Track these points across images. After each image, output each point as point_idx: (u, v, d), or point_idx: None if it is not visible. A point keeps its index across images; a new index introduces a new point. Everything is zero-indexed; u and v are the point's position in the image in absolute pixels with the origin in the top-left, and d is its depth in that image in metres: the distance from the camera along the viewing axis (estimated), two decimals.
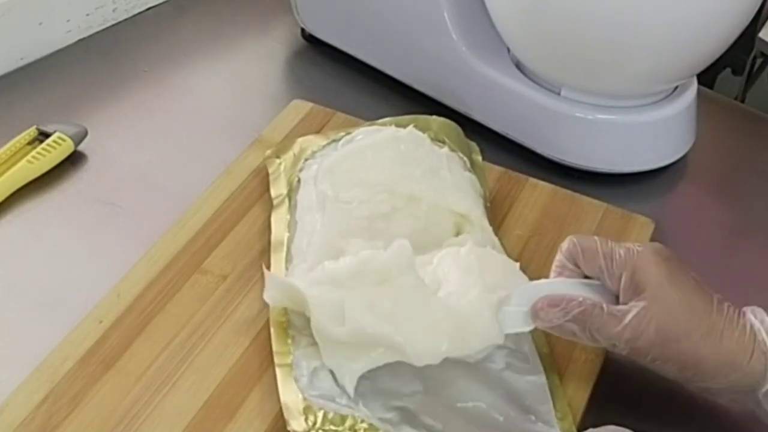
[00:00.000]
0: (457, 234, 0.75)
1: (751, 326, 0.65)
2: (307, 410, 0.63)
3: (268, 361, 0.69)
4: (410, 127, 0.81)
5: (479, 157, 0.85)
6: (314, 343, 0.67)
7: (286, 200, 0.79)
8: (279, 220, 0.77)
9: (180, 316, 0.71)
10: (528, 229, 0.81)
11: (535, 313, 0.66)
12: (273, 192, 0.80)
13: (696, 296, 0.65)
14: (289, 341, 0.68)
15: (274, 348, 0.68)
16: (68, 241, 0.80)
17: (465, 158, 0.82)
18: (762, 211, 0.89)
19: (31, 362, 0.67)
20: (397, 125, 0.82)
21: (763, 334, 0.65)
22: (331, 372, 0.66)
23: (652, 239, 0.81)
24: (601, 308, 0.65)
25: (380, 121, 0.84)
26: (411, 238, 0.70)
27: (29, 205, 0.82)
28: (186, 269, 0.75)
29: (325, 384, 0.65)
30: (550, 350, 0.71)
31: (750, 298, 0.79)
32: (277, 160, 0.83)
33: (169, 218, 0.79)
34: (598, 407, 0.69)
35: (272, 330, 0.69)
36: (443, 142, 0.82)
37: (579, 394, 0.69)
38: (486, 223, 0.76)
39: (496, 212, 0.82)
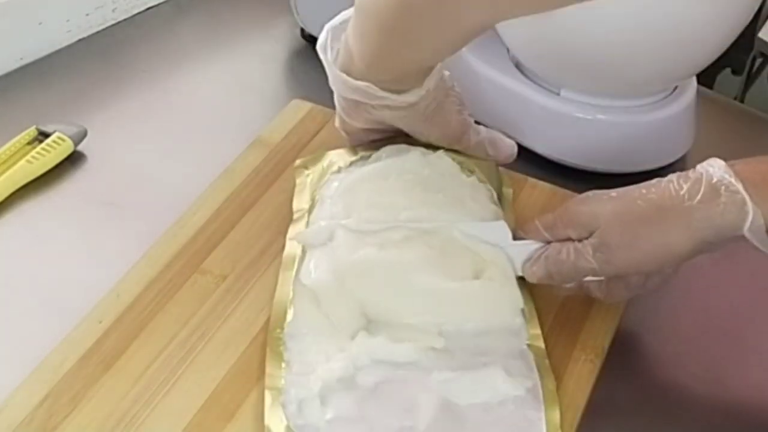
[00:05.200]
0: (476, 273, 0.72)
1: (708, 180, 0.67)
2: None
3: None
4: (440, 152, 0.78)
5: (510, 191, 0.82)
6: (306, 373, 0.66)
7: (306, 215, 0.77)
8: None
9: (180, 316, 0.71)
10: None
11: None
12: (295, 205, 0.79)
13: (643, 196, 0.69)
14: (283, 365, 0.67)
15: (267, 369, 0.67)
16: (68, 241, 0.80)
17: (493, 190, 0.79)
18: None
19: (31, 362, 0.67)
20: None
21: (721, 176, 0.67)
22: (320, 400, 0.65)
23: None
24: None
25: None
26: (423, 267, 0.70)
27: (29, 205, 0.82)
28: (186, 269, 0.75)
29: (314, 414, 0.64)
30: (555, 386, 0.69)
31: (750, 298, 0.80)
32: (306, 172, 0.81)
33: (169, 218, 0.79)
34: (598, 407, 0.69)
35: (267, 348, 0.68)
36: (472, 171, 0.79)
37: (579, 394, 0.69)
38: (507, 265, 0.73)
39: None
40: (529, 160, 0.89)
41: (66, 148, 0.86)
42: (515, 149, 0.82)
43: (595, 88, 0.87)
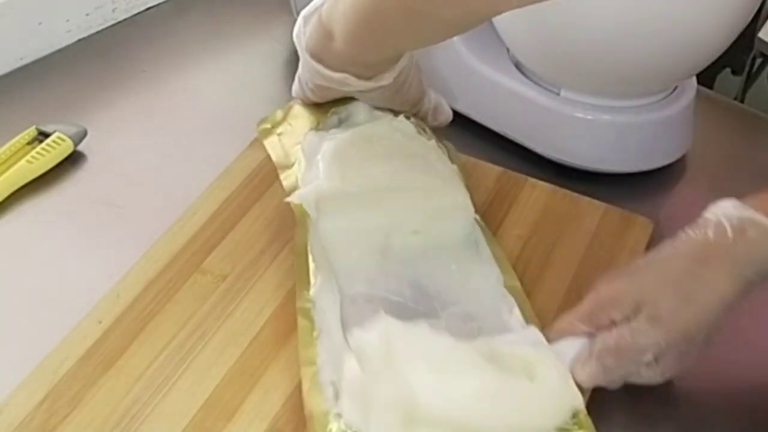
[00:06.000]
0: (528, 374, 0.67)
1: (729, 220, 0.66)
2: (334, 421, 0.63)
3: (268, 361, 0.69)
4: (401, 116, 0.82)
5: (457, 156, 0.84)
6: (339, 345, 0.66)
7: (295, 174, 0.78)
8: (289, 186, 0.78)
9: (179, 316, 0.71)
10: (527, 230, 0.81)
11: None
12: (276, 160, 0.80)
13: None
14: (315, 334, 0.67)
15: (300, 346, 0.67)
16: (68, 241, 0.80)
17: (445, 148, 0.82)
18: None
19: (31, 362, 0.68)
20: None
21: (741, 215, 0.67)
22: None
23: (651, 239, 0.81)
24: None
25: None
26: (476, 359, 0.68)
27: (29, 205, 0.82)
28: (185, 269, 0.75)
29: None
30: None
31: (749, 298, 0.79)
32: (275, 130, 0.82)
33: (168, 218, 0.79)
34: (598, 407, 0.69)
35: (298, 319, 0.68)
36: (425, 131, 0.82)
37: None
38: (473, 210, 0.77)
39: (496, 212, 0.82)
40: (529, 160, 0.89)
41: (66, 148, 0.86)
42: (450, 118, 0.84)
43: (595, 88, 0.87)
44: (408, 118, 0.82)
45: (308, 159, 0.78)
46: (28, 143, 0.86)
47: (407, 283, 0.74)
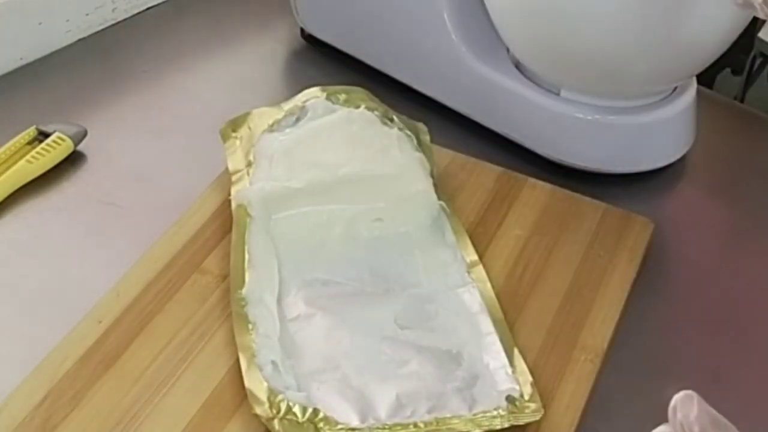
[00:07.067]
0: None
1: None
2: (271, 398, 0.64)
3: None
4: (362, 108, 0.82)
5: (427, 137, 0.85)
6: (269, 335, 0.68)
7: (246, 176, 0.79)
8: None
9: (179, 315, 0.71)
10: (528, 229, 0.81)
11: None
12: (231, 166, 0.81)
13: None
14: (250, 326, 0.69)
15: (237, 340, 0.68)
16: (68, 241, 0.80)
17: (413, 136, 0.83)
18: (762, 211, 0.89)
19: (31, 362, 0.68)
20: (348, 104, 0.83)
21: None
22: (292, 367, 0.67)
23: (652, 239, 0.81)
24: None
25: (313, 90, 0.85)
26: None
27: (29, 205, 0.82)
28: (185, 269, 0.75)
29: (287, 378, 0.66)
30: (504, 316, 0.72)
31: (750, 299, 0.80)
32: (233, 134, 0.83)
33: (168, 218, 0.79)
34: (598, 407, 0.69)
35: (233, 321, 0.69)
36: (391, 120, 0.83)
37: (579, 394, 0.69)
38: (435, 198, 0.78)
39: (496, 212, 0.82)
40: (529, 160, 0.89)
41: (66, 148, 0.86)
42: None
43: (595, 88, 0.87)
44: (371, 109, 0.82)
45: (258, 158, 0.80)
46: (28, 143, 0.86)
47: (368, 269, 0.75)
